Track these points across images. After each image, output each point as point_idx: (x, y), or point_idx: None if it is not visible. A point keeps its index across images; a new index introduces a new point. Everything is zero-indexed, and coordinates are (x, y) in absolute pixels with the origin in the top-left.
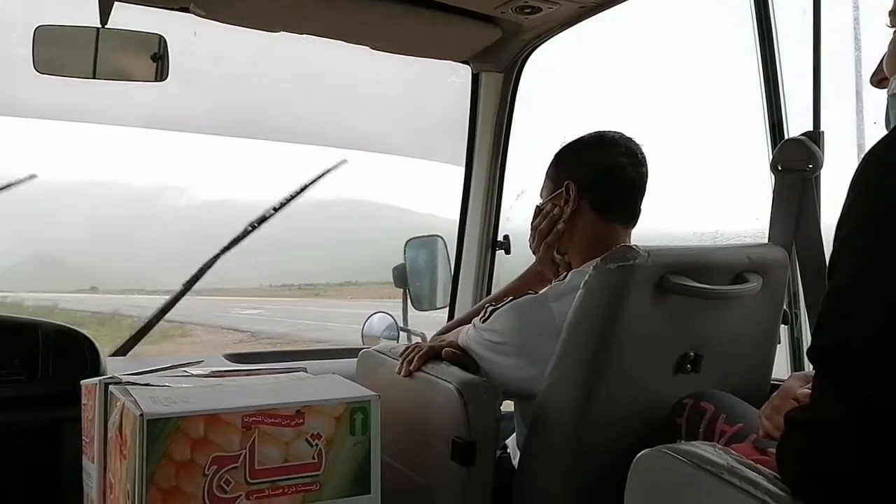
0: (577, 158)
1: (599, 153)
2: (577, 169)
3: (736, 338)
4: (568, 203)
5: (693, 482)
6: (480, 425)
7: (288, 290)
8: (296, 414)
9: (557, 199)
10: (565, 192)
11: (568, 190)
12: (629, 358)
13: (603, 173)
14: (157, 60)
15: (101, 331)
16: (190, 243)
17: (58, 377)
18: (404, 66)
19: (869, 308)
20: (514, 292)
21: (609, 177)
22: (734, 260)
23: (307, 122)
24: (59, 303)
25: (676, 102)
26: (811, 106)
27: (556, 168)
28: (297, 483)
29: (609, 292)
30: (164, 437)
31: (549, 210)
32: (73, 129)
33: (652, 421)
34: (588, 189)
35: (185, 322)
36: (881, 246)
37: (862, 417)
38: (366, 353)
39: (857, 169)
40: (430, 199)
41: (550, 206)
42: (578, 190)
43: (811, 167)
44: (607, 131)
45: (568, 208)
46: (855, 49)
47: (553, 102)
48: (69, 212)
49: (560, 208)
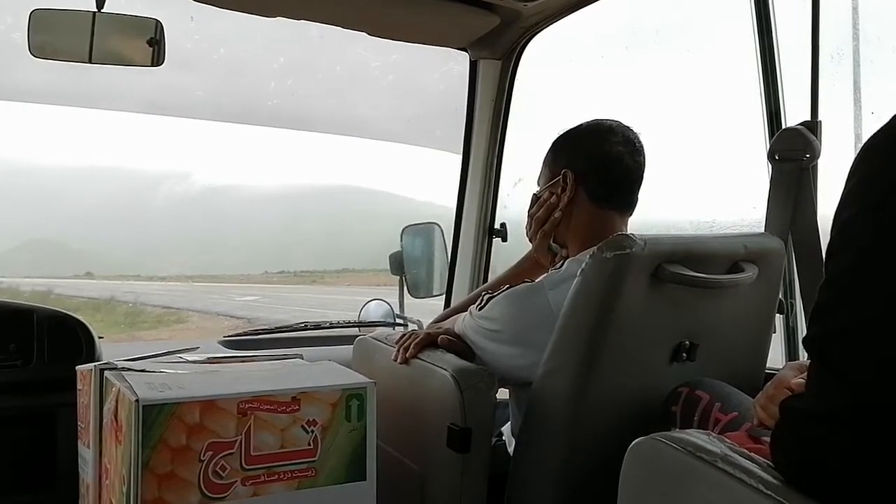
0: (574, 147)
1: (597, 142)
2: (574, 157)
3: (731, 327)
4: (565, 191)
5: (687, 470)
6: (476, 412)
7: (285, 276)
8: (291, 400)
9: (554, 188)
10: (562, 181)
11: (565, 178)
12: (625, 346)
13: (600, 162)
14: (154, 45)
15: (97, 316)
16: (189, 230)
17: (53, 363)
18: (403, 52)
19: (865, 297)
20: (511, 280)
21: (606, 165)
22: (730, 249)
23: (307, 108)
24: (54, 288)
25: (673, 91)
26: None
27: (554, 156)
28: (293, 469)
29: (605, 281)
30: (160, 423)
31: (545, 198)
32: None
33: (647, 409)
34: (585, 178)
35: (181, 308)
36: (878, 235)
37: (857, 406)
38: (362, 341)
39: (855, 158)
40: (429, 186)
41: (547, 195)
42: (576, 178)
43: (808, 157)
44: (605, 119)
45: (565, 196)
46: (853, 38)
47: (548, 90)
48: (66, 198)
49: (557, 196)
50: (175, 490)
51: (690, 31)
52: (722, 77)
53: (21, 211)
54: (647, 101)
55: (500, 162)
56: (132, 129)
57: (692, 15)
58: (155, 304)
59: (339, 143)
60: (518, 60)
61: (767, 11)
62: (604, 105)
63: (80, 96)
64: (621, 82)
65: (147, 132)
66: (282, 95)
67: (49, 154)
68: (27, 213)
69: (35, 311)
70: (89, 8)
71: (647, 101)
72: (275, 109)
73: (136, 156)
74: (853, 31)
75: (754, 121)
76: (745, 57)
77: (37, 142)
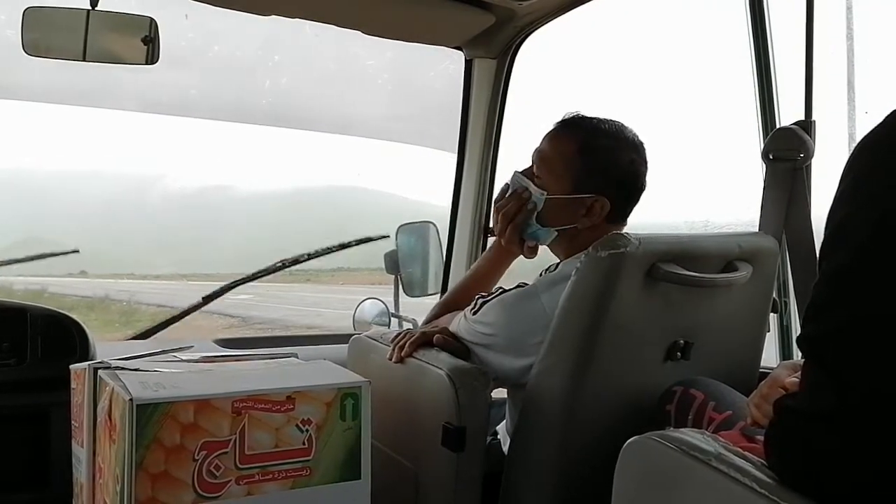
0: (610, 170)
1: (629, 165)
2: (609, 182)
3: (726, 326)
4: (589, 216)
5: (681, 469)
6: (471, 411)
7: (279, 275)
8: (286, 399)
9: (578, 206)
10: (590, 205)
11: (597, 205)
12: (619, 345)
13: (630, 188)
14: (148, 43)
15: (91, 315)
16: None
17: (47, 361)
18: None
19: (858, 296)
20: (487, 276)
21: (633, 189)
22: (725, 248)
23: (302, 106)
24: (48, 287)
25: (667, 91)
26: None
27: (583, 167)
28: (288, 468)
29: (600, 280)
30: (154, 423)
31: (519, 192)
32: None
33: (641, 408)
34: (614, 203)
35: (175, 307)
36: (872, 234)
37: (851, 405)
38: (357, 339)
39: (849, 157)
40: (424, 185)
41: (520, 192)
42: (606, 206)
43: (802, 156)
44: (623, 126)
45: (587, 221)
46: (847, 39)
47: (542, 88)
48: (59, 196)
49: (575, 214)
50: (169, 489)
51: (685, 31)
52: (716, 77)
53: (14, 209)
54: (641, 101)
55: (495, 161)
56: (126, 128)
57: (687, 15)
58: (149, 303)
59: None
60: (513, 59)
61: (762, 10)
62: (597, 104)
63: (73, 94)
64: (614, 82)
65: (141, 130)
66: (276, 94)
67: (42, 152)
68: (20, 212)
69: (29, 310)
70: (83, 6)
71: (640, 101)
72: (269, 108)
73: (130, 154)
74: (847, 31)
75: (748, 120)
76: (739, 56)
77: (29, 140)
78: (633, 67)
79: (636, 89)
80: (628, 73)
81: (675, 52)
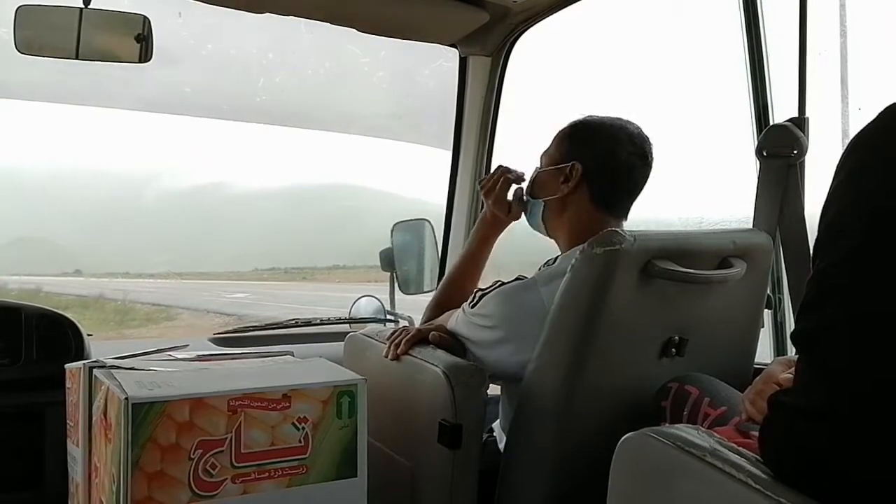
0: (590, 142)
1: (614, 146)
2: (587, 153)
3: (720, 322)
4: (567, 182)
5: (676, 465)
6: (467, 408)
7: (275, 273)
8: (282, 398)
9: (557, 174)
10: (568, 172)
11: (572, 170)
12: (615, 342)
13: (612, 168)
14: (142, 41)
15: (86, 314)
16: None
17: (42, 361)
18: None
19: (852, 291)
20: (475, 256)
21: (616, 173)
22: (719, 245)
23: (296, 104)
24: (43, 286)
25: (661, 88)
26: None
27: (570, 142)
28: (284, 466)
29: (595, 276)
30: (149, 422)
31: (498, 176)
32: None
33: (637, 404)
34: (592, 177)
35: (170, 306)
36: (866, 230)
37: (844, 401)
38: (353, 337)
39: (842, 154)
40: (419, 183)
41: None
42: (582, 174)
43: (796, 153)
44: (629, 123)
45: (566, 187)
46: (840, 35)
47: (538, 86)
48: (54, 195)
49: (557, 184)
50: (165, 488)
51: (678, 28)
52: (710, 74)
53: (8, 208)
54: (635, 98)
55: (489, 158)
56: (121, 126)
57: (680, 12)
58: (144, 302)
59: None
60: (507, 57)
61: (755, 8)
62: (592, 101)
63: (67, 93)
64: (608, 79)
65: (135, 129)
66: (271, 92)
67: (36, 151)
68: (15, 211)
69: (23, 309)
70: (76, 4)
71: (635, 98)
72: (264, 106)
73: (124, 153)
74: (840, 28)
75: (742, 117)
76: (733, 53)
77: (23, 139)
78: (626, 64)
79: (630, 86)
80: (622, 70)
81: (668, 48)
